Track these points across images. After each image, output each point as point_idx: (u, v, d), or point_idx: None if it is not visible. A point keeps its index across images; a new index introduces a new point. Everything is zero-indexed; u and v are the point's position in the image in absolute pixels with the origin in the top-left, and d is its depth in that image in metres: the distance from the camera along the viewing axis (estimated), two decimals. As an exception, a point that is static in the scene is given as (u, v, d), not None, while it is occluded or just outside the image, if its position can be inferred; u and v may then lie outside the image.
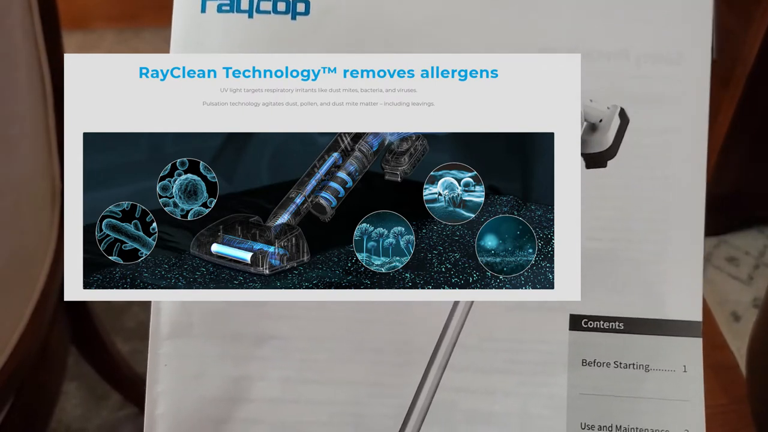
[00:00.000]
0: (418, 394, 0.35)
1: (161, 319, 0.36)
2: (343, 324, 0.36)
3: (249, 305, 0.36)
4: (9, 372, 0.65)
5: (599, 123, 0.34)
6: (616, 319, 0.35)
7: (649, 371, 0.35)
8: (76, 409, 1.07)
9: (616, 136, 0.34)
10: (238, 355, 0.35)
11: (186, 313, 0.36)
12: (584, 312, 0.35)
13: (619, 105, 0.35)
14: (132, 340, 1.17)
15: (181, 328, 0.36)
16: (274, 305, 0.36)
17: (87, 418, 1.06)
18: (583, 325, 0.35)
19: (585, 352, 0.35)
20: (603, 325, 0.35)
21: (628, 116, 0.34)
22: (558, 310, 0.35)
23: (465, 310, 0.35)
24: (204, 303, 0.36)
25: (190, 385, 0.36)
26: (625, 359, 0.35)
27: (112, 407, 1.07)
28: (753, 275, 1.30)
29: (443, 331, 0.35)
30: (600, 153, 0.34)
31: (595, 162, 0.34)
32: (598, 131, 0.34)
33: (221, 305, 0.36)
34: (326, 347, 0.36)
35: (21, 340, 0.66)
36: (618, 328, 0.35)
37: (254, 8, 0.36)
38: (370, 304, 0.36)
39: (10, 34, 0.63)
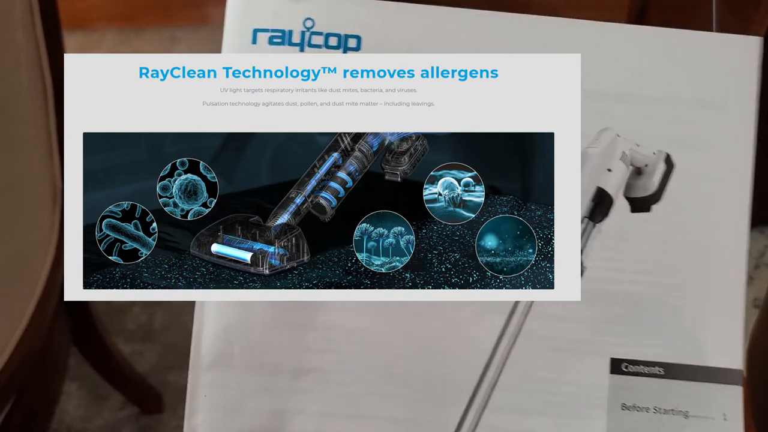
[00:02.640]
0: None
1: (202, 349, 0.35)
2: (383, 358, 0.35)
3: (291, 336, 0.35)
4: (10, 372, 0.65)
5: (645, 168, 0.34)
6: (657, 364, 0.35)
7: (689, 417, 0.35)
8: (77, 410, 1.07)
9: (661, 181, 0.34)
10: (277, 387, 0.35)
11: (227, 343, 0.35)
12: (625, 356, 0.35)
13: (665, 150, 0.35)
14: (133, 340, 1.17)
15: (223, 358, 0.35)
16: (316, 337, 0.35)
17: (88, 418, 1.06)
18: (623, 369, 0.35)
19: (624, 396, 0.35)
20: (643, 370, 0.35)
21: (673, 162, 0.34)
22: (599, 353, 0.35)
23: (507, 349, 0.35)
24: (246, 333, 0.35)
25: (229, 417, 0.35)
26: (665, 405, 0.35)
27: (113, 407, 1.07)
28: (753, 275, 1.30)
29: (484, 370, 0.35)
30: (645, 197, 0.35)
31: (640, 206, 0.35)
32: (643, 176, 0.34)
33: (263, 336, 0.35)
34: (365, 381, 0.35)
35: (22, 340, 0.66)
36: (658, 373, 0.35)
37: (306, 42, 0.35)
38: (411, 338, 0.35)
39: (11, 34, 0.63)
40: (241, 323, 0.35)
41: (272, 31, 0.35)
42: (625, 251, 0.34)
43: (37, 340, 0.70)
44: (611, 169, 0.34)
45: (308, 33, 0.35)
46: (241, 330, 0.35)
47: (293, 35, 0.36)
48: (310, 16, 0.35)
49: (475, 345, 0.35)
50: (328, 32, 0.36)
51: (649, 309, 0.35)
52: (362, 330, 0.35)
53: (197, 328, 0.36)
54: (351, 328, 0.35)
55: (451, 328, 0.35)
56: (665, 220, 0.35)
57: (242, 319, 0.35)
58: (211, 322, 0.36)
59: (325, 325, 0.35)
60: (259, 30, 0.36)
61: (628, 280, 0.35)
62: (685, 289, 0.35)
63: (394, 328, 0.35)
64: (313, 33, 0.36)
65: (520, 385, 0.35)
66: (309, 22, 0.35)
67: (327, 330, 0.35)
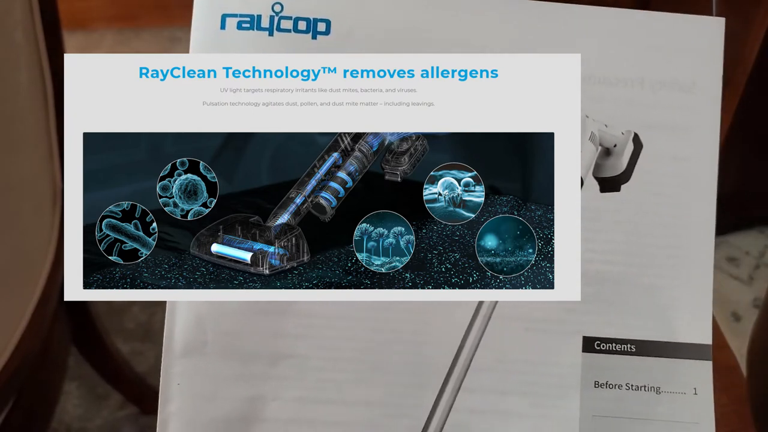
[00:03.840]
0: (432, 415, 0.35)
1: (175, 336, 0.35)
2: (360, 344, 0.36)
3: (265, 323, 0.35)
4: (10, 372, 0.65)
5: (614, 148, 0.35)
6: (628, 342, 0.35)
7: (661, 393, 0.35)
8: (76, 409, 1.07)
9: (629, 161, 0.35)
10: (252, 374, 0.35)
11: (201, 331, 0.35)
12: (597, 334, 0.35)
13: (633, 130, 0.35)
14: (132, 340, 1.17)
15: (195, 346, 0.35)
16: (292, 323, 0.35)
17: (87, 418, 1.06)
18: (596, 347, 0.35)
19: (597, 375, 0.35)
20: (615, 348, 0.35)
21: (642, 142, 0.35)
22: (572, 333, 0.35)
23: (480, 331, 0.35)
24: (219, 320, 0.35)
25: (203, 405, 0.35)
26: (637, 381, 0.35)
27: (113, 407, 1.07)
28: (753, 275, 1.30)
29: (458, 351, 0.35)
30: (614, 177, 0.35)
31: (610, 186, 0.35)
32: (612, 156, 0.35)
33: (236, 323, 0.35)
34: (343, 367, 0.35)
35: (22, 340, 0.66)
36: (630, 350, 0.35)
37: (275, 26, 0.36)
38: (387, 323, 0.36)
39: (10, 34, 0.63)
40: (214, 310, 0.35)
41: (240, 16, 0.35)
42: (597, 231, 0.34)
43: (37, 340, 0.70)
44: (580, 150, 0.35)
45: (277, 17, 0.35)
46: (214, 317, 0.35)
47: (262, 20, 0.36)
48: (279, 1, 0.35)
49: (449, 328, 0.35)
50: (297, 16, 0.36)
51: (620, 288, 0.35)
52: (338, 316, 0.36)
53: (169, 316, 0.35)
54: (327, 314, 0.35)
55: (425, 311, 0.36)
56: (635, 200, 0.35)
57: (215, 306, 0.35)
58: (184, 310, 0.36)
59: (301, 311, 0.35)
60: (228, 15, 0.36)
61: (600, 260, 0.35)
62: (655, 267, 0.36)
63: (368, 313, 0.36)
64: (281, 17, 0.36)
65: (495, 366, 0.35)
66: (278, 6, 0.35)
67: (303, 316, 0.35)
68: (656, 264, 0.36)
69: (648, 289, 0.35)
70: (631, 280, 0.35)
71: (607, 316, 0.35)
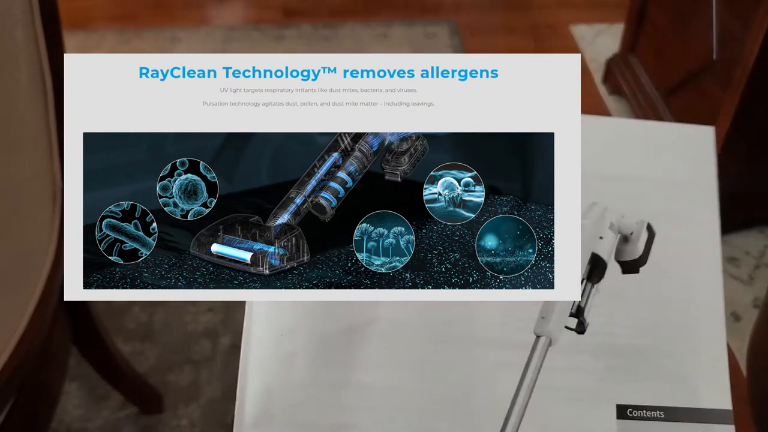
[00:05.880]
0: None
1: (245, 408, 0.37)
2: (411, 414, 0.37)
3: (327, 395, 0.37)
4: (10, 372, 0.65)
5: (630, 235, 0.39)
6: (657, 408, 0.38)
7: None
8: (76, 409, 1.07)
9: (645, 246, 0.39)
10: None
11: (269, 403, 0.37)
12: (629, 402, 0.38)
13: (646, 220, 0.40)
14: (132, 340, 1.17)
15: (264, 418, 0.37)
16: (350, 396, 0.37)
17: (88, 418, 1.06)
18: (629, 414, 0.38)
19: None
20: (646, 414, 0.38)
21: (654, 230, 0.39)
22: (606, 401, 0.38)
23: (524, 403, 0.37)
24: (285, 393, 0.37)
25: None
26: None
27: (113, 407, 1.07)
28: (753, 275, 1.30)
29: (504, 424, 0.37)
30: (633, 260, 0.39)
31: (630, 268, 0.39)
32: (630, 242, 0.39)
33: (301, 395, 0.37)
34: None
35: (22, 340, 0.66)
36: (660, 417, 0.38)
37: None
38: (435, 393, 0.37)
39: (11, 34, 0.63)
40: (281, 382, 0.37)
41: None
42: (621, 308, 0.37)
43: (38, 340, 0.70)
44: (602, 237, 0.39)
45: None
46: (281, 389, 0.37)
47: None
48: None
49: (495, 399, 0.37)
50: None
51: (645, 359, 0.38)
52: (392, 387, 0.37)
53: (241, 386, 0.37)
54: (382, 386, 0.37)
55: (471, 382, 0.37)
56: (652, 280, 0.39)
57: (282, 379, 0.37)
58: (254, 381, 0.37)
59: (360, 383, 0.37)
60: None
61: (626, 334, 0.38)
62: (674, 340, 0.39)
63: (420, 384, 0.37)
64: None
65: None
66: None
67: (361, 388, 0.37)
68: (675, 336, 0.39)
69: (669, 360, 0.38)
70: (655, 352, 0.38)
71: (637, 384, 0.38)
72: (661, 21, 1.51)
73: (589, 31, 2.03)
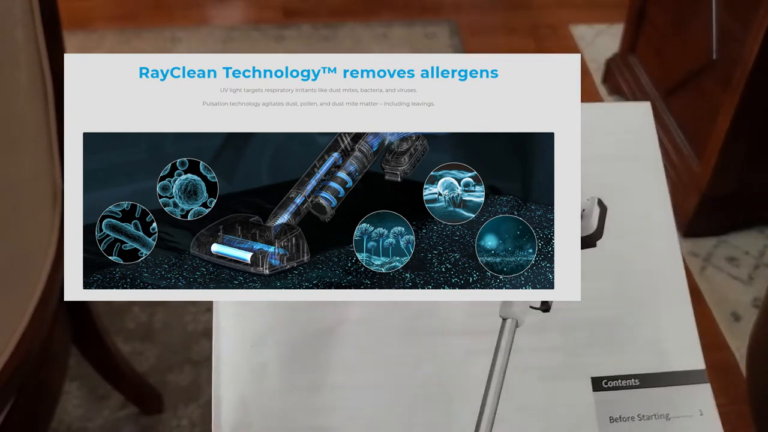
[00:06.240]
0: None
1: (221, 419, 0.37)
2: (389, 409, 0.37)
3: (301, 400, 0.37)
4: (10, 372, 0.65)
5: (583, 212, 0.40)
6: (632, 377, 0.38)
7: (670, 419, 0.38)
8: (77, 409, 1.07)
9: (599, 221, 0.40)
10: None
11: (245, 413, 0.37)
12: (603, 374, 0.38)
13: (596, 196, 0.41)
14: (132, 340, 1.17)
15: (241, 429, 0.37)
16: (328, 398, 0.37)
17: (88, 417, 1.06)
18: (604, 385, 0.38)
19: (610, 410, 0.38)
20: (621, 383, 0.38)
21: (605, 204, 0.40)
22: (579, 375, 0.38)
23: (498, 384, 0.37)
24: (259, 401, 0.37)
25: None
26: (647, 411, 0.38)
27: (113, 407, 1.07)
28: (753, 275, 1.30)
29: (482, 407, 0.37)
30: (588, 236, 0.40)
31: (586, 243, 0.40)
32: (583, 219, 0.40)
33: (275, 402, 0.37)
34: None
35: (22, 340, 0.66)
36: (635, 384, 0.38)
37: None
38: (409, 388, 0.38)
39: (11, 34, 0.63)
40: (255, 391, 0.37)
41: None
42: (585, 282, 0.37)
43: (38, 340, 0.70)
44: None
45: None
46: (256, 399, 0.37)
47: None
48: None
49: (470, 386, 0.37)
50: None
51: (612, 330, 0.39)
52: (366, 386, 0.37)
53: (216, 399, 0.37)
54: (357, 385, 0.37)
55: (444, 372, 0.38)
56: (610, 252, 0.40)
57: (256, 387, 0.37)
58: (228, 392, 0.37)
59: (334, 385, 0.37)
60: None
61: (593, 306, 0.39)
62: (640, 308, 0.39)
63: (394, 380, 0.38)
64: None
65: (515, 415, 0.37)
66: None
67: (335, 390, 0.37)
68: (640, 304, 0.39)
69: (637, 328, 0.39)
70: (622, 321, 0.39)
71: (608, 356, 0.38)
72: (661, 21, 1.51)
73: (589, 31, 2.03)
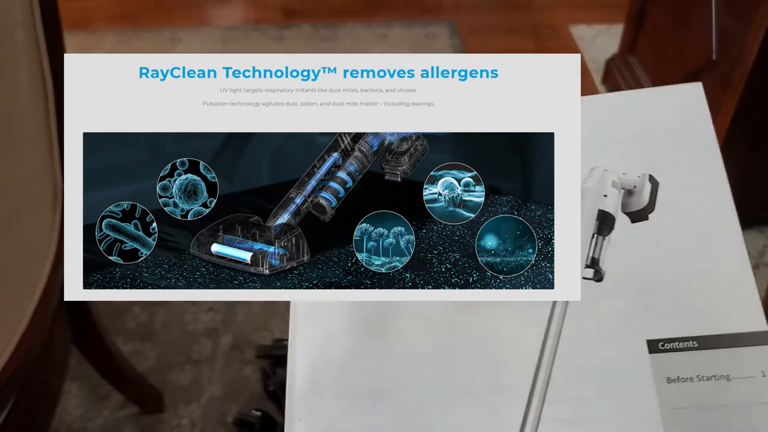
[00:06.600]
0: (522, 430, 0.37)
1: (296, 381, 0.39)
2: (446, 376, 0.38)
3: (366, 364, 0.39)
4: (11, 372, 0.65)
5: (634, 189, 0.41)
6: (689, 339, 0.38)
7: (731, 380, 0.37)
8: (77, 409, 1.07)
9: (651, 196, 0.41)
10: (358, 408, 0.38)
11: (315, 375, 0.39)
12: (659, 336, 0.38)
13: (647, 173, 0.41)
14: (132, 340, 1.17)
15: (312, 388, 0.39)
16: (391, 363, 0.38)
17: (88, 417, 1.06)
18: (660, 347, 0.38)
19: (668, 372, 0.38)
20: (678, 346, 0.38)
21: (657, 180, 0.41)
22: (634, 339, 0.38)
23: (553, 349, 0.38)
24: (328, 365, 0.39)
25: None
26: (706, 372, 0.38)
27: (114, 407, 1.07)
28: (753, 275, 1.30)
29: (536, 371, 0.38)
30: (640, 210, 0.41)
31: (638, 217, 0.41)
32: (634, 195, 0.41)
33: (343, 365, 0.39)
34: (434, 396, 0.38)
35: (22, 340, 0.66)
36: (693, 346, 0.38)
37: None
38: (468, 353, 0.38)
39: (11, 34, 0.63)
40: (324, 357, 0.39)
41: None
42: (638, 252, 0.38)
43: (38, 340, 0.70)
44: (606, 195, 0.41)
45: None
46: (325, 362, 0.39)
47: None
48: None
49: (524, 354, 0.38)
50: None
51: (668, 295, 0.39)
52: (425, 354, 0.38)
53: (291, 363, 0.39)
54: (415, 353, 0.38)
55: (498, 341, 0.38)
56: (663, 223, 0.40)
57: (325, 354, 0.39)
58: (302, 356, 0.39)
59: (396, 352, 0.39)
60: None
61: (646, 274, 0.39)
62: (697, 272, 0.39)
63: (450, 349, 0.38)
64: None
65: (571, 376, 0.38)
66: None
67: (397, 356, 0.38)
68: (697, 269, 0.39)
69: (694, 292, 0.39)
70: (680, 286, 0.39)
71: (664, 320, 0.38)
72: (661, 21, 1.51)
73: (589, 31, 2.03)
